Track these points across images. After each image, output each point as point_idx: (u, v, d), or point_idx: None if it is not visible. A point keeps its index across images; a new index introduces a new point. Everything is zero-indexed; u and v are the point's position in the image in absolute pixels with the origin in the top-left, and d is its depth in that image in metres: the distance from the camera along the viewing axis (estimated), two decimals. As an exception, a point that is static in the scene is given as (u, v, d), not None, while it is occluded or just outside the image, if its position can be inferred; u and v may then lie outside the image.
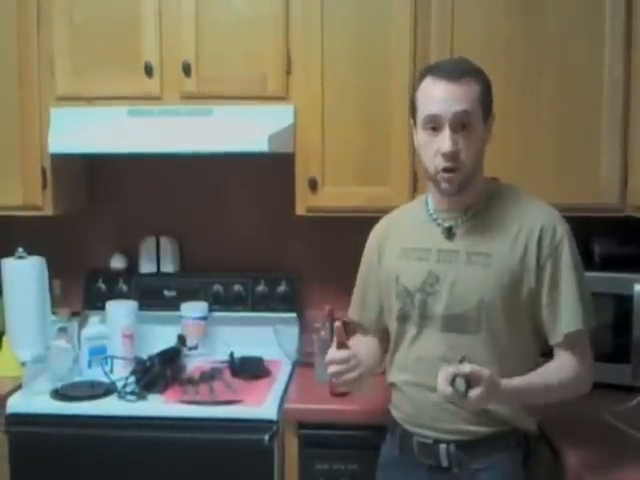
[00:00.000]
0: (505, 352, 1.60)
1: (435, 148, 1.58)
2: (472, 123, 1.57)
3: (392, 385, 1.75)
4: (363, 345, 1.81)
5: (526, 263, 1.58)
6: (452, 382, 1.42)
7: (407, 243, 1.72)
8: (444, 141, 1.56)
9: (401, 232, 1.77)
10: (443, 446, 1.60)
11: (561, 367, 1.59)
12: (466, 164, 1.58)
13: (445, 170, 1.58)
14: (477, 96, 1.58)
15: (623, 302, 2.05)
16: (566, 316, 1.58)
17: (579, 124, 2.15)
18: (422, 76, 1.64)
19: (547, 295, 1.59)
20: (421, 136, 1.63)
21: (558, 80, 2.15)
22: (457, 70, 1.59)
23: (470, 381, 1.42)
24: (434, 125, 1.58)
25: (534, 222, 1.60)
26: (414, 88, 1.66)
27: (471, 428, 1.57)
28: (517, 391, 1.53)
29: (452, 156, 1.56)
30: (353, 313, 1.90)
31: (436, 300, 1.62)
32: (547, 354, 1.64)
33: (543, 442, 1.74)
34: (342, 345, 1.64)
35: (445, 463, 1.61)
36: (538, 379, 1.57)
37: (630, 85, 2.10)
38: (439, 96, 1.57)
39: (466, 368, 1.42)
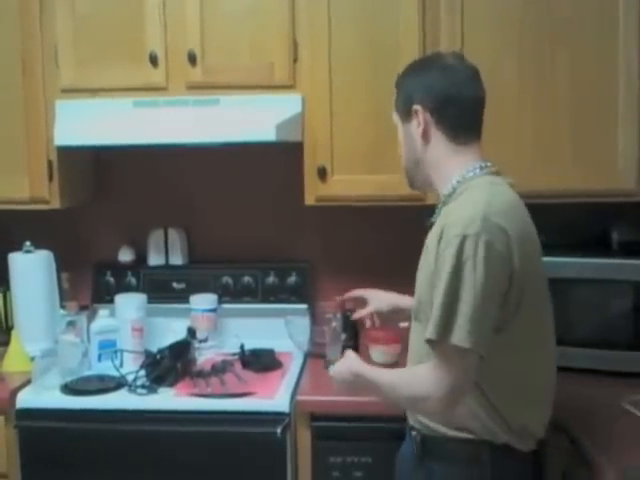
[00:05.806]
0: None
1: None
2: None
3: None
4: None
5: (434, 264, 1.50)
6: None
7: None
8: None
9: None
10: (414, 433, 1.61)
11: (413, 372, 1.55)
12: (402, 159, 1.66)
13: None
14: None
15: (641, 289, 2.02)
16: (430, 322, 1.45)
17: (595, 109, 2.12)
18: None
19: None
20: None
21: (573, 64, 2.12)
22: None
23: None
24: None
25: (442, 222, 1.51)
26: None
27: (432, 424, 1.55)
28: (370, 379, 1.59)
29: None
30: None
31: None
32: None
33: (560, 431, 1.71)
34: None
35: (417, 450, 1.59)
36: (388, 376, 1.58)
37: (645, 67, 2.07)
38: None
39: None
